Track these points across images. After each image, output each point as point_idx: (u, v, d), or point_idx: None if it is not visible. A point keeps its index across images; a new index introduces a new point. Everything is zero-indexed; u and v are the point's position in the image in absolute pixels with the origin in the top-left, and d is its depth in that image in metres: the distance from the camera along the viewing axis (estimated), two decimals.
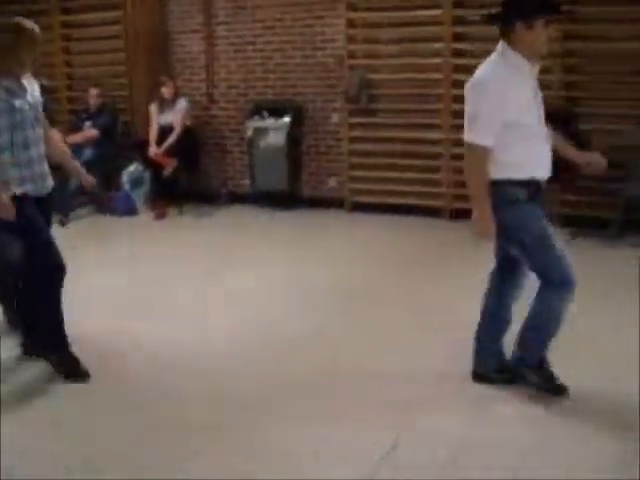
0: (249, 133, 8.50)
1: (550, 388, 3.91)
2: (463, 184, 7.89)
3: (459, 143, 7.77)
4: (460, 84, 7.81)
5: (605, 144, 7.32)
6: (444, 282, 5.94)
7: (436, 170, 8.07)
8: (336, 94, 8.33)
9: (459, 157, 7.96)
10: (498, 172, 3.77)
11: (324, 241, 7.32)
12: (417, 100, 8.06)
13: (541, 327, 3.87)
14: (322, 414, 3.84)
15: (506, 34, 3.76)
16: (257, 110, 8.51)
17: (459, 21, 7.79)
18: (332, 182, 8.62)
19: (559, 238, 3.97)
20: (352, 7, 8.10)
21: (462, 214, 7.88)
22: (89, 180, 4.67)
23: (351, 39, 8.18)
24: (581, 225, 7.19)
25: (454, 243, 7.01)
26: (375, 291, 5.79)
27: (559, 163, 4.00)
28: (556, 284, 3.75)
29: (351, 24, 8.16)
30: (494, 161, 3.77)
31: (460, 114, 7.73)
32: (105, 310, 5.31)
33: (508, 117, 3.71)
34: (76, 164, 4.74)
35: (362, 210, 8.28)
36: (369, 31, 8.22)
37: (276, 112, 8.41)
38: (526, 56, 3.76)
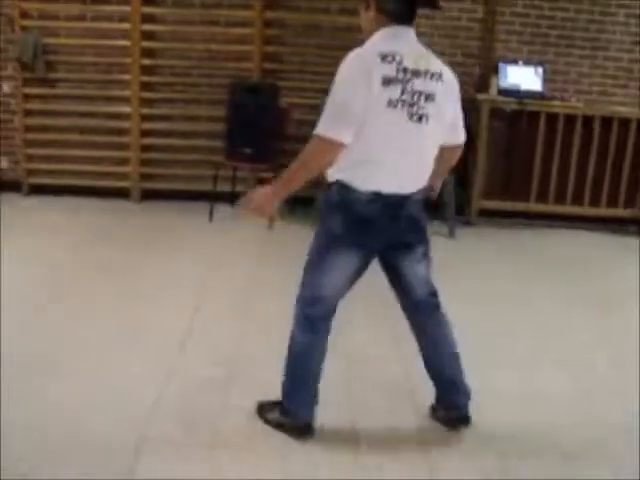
0: None
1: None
2: (151, 163, 7.35)
3: (148, 118, 7.21)
4: (150, 53, 7.24)
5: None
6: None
7: (124, 147, 7.29)
8: (7, 60, 7.21)
9: (149, 134, 7.30)
10: None
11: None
12: (102, 70, 7.19)
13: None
14: None
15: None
16: None
17: None
18: (3, 162, 7.51)
19: None
20: None
21: (151, 195, 7.22)
22: None
23: None
24: None
25: (144, 225, 6.37)
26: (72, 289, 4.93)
27: None
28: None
29: None
30: None
31: (150, 86, 7.21)
32: None
33: None
34: None
35: (42, 193, 7.28)
36: None
37: None
38: None
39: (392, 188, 3.09)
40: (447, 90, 3.12)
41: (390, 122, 3.02)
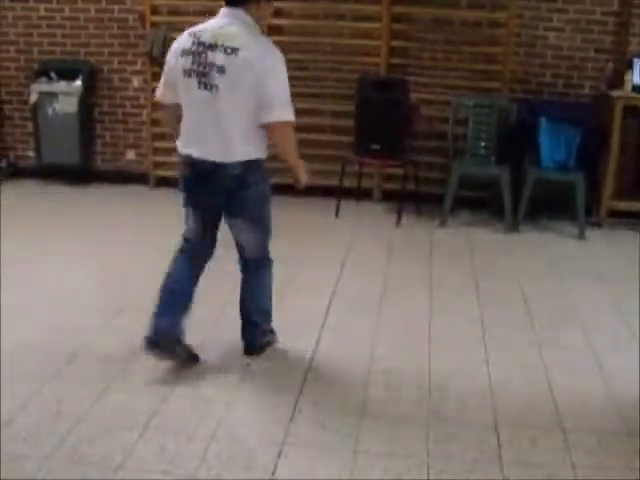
0: (34, 98, 7.32)
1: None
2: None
3: None
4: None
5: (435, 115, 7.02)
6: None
7: None
8: (137, 55, 7.35)
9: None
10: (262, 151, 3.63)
11: (130, 224, 6.39)
12: None
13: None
14: None
15: (248, 6, 3.53)
16: (43, 71, 7.34)
17: None
18: (131, 154, 7.66)
19: None
20: None
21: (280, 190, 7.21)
22: None
23: None
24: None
25: None
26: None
27: None
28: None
29: None
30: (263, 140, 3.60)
31: None
32: None
33: None
34: None
35: (168, 185, 7.38)
36: None
37: (66, 74, 7.28)
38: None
39: (199, 153, 3.53)
40: (242, 66, 3.37)
41: (185, 89, 3.52)
